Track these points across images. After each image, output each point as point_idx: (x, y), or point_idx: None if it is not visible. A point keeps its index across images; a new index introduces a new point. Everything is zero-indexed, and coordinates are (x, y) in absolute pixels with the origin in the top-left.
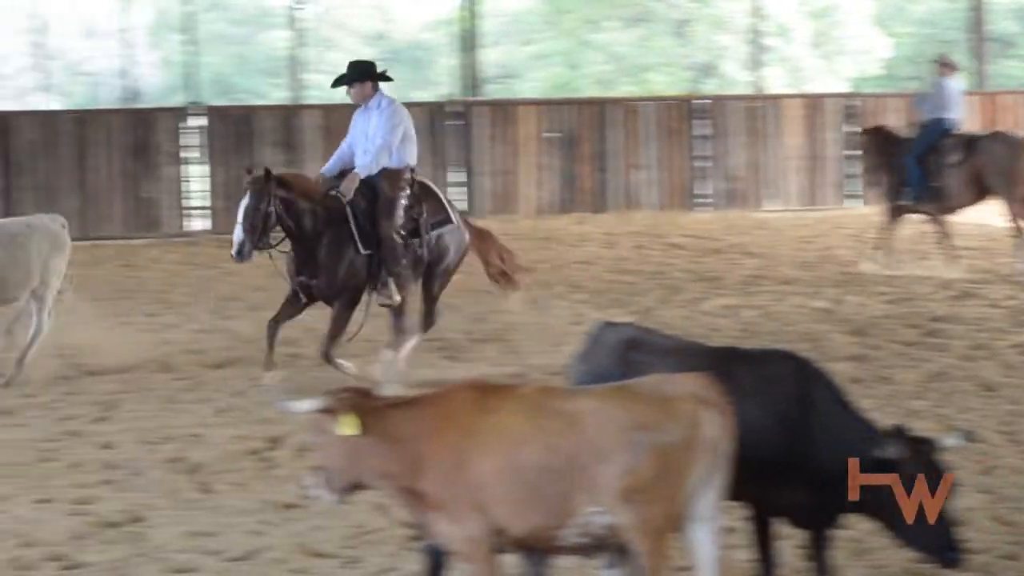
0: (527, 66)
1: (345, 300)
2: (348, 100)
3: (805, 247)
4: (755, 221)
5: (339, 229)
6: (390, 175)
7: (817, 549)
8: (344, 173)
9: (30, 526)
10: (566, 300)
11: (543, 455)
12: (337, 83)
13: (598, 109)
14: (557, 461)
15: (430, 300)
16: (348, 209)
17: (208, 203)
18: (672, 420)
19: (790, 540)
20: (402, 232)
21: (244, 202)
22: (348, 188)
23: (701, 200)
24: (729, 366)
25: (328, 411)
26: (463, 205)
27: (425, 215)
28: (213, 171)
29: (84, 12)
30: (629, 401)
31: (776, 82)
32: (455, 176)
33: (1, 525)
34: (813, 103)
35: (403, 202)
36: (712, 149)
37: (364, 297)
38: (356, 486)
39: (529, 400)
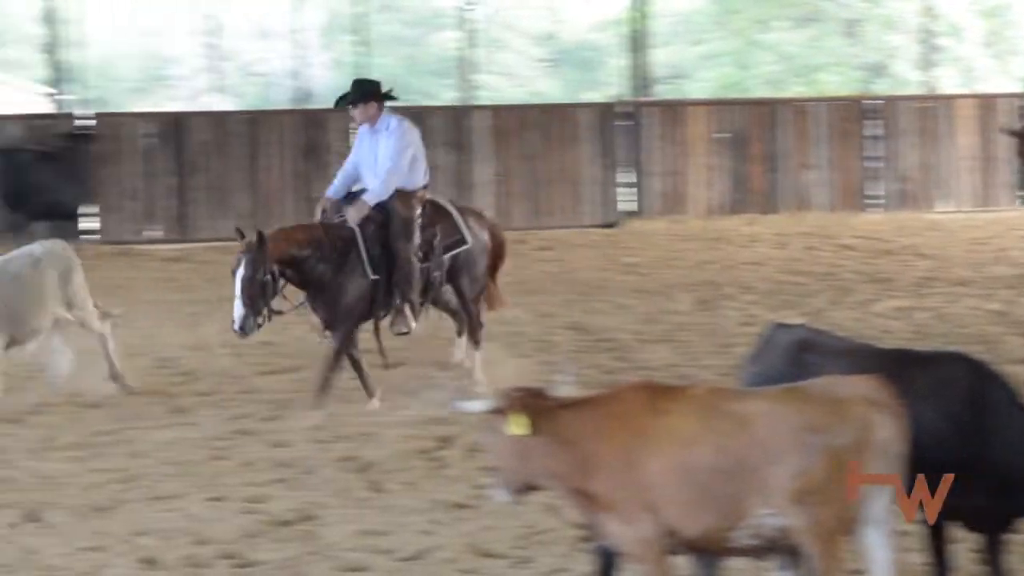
0: (696, 66)
1: (344, 330)
2: (518, 101)
3: (978, 248)
4: (927, 222)
5: (346, 256)
6: (403, 196)
7: (992, 553)
8: (351, 195)
9: (203, 524)
10: (736, 301)
11: (714, 456)
12: (340, 103)
13: (768, 109)
14: (728, 462)
15: (467, 308)
16: (357, 233)
17: None
18: (844, 422)
19: (964, 544)
20: (419, 254)
21: (239, 273)
22: (356, 216)
23: (873, 201)
24: (902, 368)
25: (499, 411)
26: (632, 206)
27: (439, 237)
28: None
29: (257, 14)
30: (801, 403)
31: (948, 82)
32: (624, 177)
33: (174, 523)
34: (986, 103)
35: (418, 222)
36: (884, 150)
37: (376, 324)
38: (529, 486)
39: (700, 401)
